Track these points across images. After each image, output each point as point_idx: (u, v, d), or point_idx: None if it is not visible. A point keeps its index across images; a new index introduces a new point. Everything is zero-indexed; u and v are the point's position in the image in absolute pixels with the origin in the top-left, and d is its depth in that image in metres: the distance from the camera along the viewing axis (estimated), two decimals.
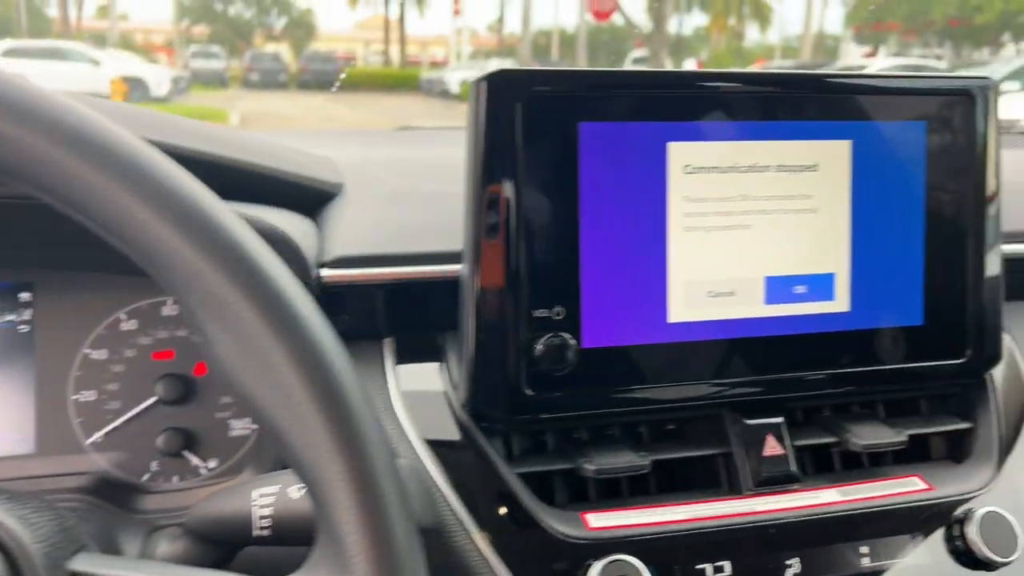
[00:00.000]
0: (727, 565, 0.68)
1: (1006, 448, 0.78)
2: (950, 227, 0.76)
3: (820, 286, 0.74)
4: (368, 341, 0.74)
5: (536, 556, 0.66)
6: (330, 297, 0.72)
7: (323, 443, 0.40)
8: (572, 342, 0.68)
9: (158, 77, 15.92)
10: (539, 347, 0.67)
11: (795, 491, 0.72)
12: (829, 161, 0.73)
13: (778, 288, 0.73)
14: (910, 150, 0.74)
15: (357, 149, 1.08)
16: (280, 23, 36.81)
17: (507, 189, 0.66)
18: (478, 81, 0.65)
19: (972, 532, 0.70)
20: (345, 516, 0.40)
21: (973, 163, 0.76)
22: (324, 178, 0.79)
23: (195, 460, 0.75)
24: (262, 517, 0.57)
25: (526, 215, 0.66)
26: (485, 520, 0.67)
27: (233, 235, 0.41)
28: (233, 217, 0.42)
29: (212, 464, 0.75)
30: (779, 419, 0.74)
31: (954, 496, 0.74)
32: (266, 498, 0.57)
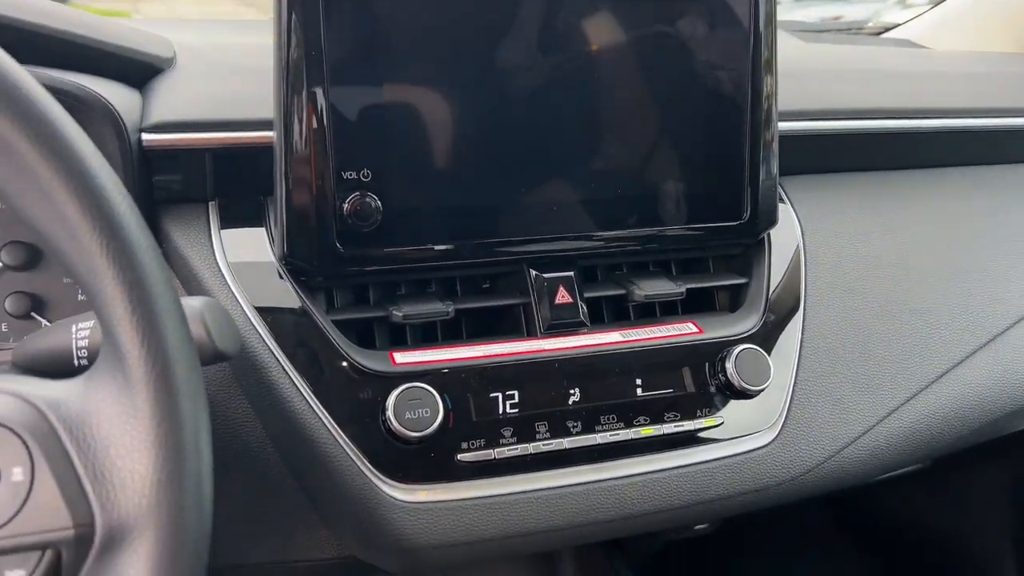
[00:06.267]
0: (516, 394, 0.77)
1: (773, 299, 0.89)
2: (728, 103, 0.84)
3: None
4: (195, 203, 0.80)
5: (345, 388, 0.74)
6: (155, 160, 0.77)
7: (95, 253, 0.47)
8: (378, 202, 0.74)
9: None
10: (347, 206, 0.74)
11: (582, 334, 0.82)
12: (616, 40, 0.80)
13: None
14: (690, 32, 0.82)
15: (217, 36, 1.09)
16: None
17: (310, 59, 0.70)
18: None
19: (730, 366, 0.81)
20: (116, 312, 0.47)
21: (749, 45, 0.84)
22: (151, 51, 0.83)
23: (44, 322, 0.80)
24: (79, 348, 0.63)
25: (331, 84, 0.71)
26: (303, 359, 0.74)
27: (17, 85, 0.46)
28: (16, 68, 0.47)
29: None
30: (570, 273, 0.83)
31: (720, 338, 0.84)
32: (83, 331, 0.63)
